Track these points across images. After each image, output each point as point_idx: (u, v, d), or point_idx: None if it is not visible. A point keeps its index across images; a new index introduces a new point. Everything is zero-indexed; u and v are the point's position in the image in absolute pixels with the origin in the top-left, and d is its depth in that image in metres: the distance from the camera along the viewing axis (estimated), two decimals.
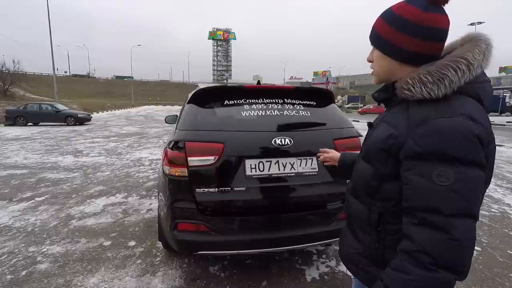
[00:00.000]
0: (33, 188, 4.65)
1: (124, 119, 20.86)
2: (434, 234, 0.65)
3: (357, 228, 0.92)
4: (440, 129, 0.67)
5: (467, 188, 0.65)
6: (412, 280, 0.66)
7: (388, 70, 0.83)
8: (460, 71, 0.70)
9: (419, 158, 0.69)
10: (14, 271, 2.39)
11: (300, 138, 2.14)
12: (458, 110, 0.69)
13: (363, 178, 0.88)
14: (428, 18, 0.74)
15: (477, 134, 0.66)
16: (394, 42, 0.78)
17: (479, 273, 2.44)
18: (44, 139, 10.49)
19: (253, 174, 2.01)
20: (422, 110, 0.73)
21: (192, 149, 1.99)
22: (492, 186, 5.02)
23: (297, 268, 2.51)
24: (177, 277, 2.34)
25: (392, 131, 0.77)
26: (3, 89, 33.59)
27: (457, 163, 0.65)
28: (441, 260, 0.64)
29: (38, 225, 3.29)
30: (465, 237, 0.65)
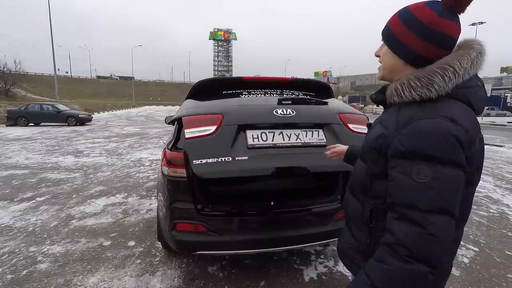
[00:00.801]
0: (34, 188, 4.68)
1: (124, 119, 20.91)
2: (412, 229, 0.69)
3: (353, 224, 0.97)
4: (421, 129, 0.71)
5: (444, 186, 0.68)
6: (390, 270, 0.70)
7: (392, 67, 0.85)
8: (447, 77, 0.73)
9: (402, 156, 0.73)
10: (14, 271, 2.41)
11: (304, 110, 2.07)
12: (441, 112, 0.72)
13: (359, 176, 0.92)
14: (442, 24, 0.75)
15: (456, 135, 0.68)
16: (405, 41, 0.79)
17: (476, 273, 2.46)
18: (45, 139, 10.52)
19: (255, 143, 1.89)
20: (409, 112, 0.76)
21: (189, 121, 1.90)
22: (491, 186, 5.03)
23: (295, 268, 2.52)
24: (176, 277, 2.36)
25: (383, 131, 0.81)
26: (4, 90, 33.72)
27: (435, 162, 0.68)
28: (417, 253, 0.68)
29: (38, 225, 3.31)
30: (441, 232, 0.68)
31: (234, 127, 1.88)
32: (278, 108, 1.98)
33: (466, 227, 3.32)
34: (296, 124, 1.99)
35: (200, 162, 1.77)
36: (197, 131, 1.84)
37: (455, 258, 2.67)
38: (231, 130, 1.87)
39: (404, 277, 0.69)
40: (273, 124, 1.96)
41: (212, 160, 1.79)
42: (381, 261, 0.73)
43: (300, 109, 2.05)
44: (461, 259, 2.68)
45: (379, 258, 0.74)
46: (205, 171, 1.78)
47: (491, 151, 8.69)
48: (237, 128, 1.88)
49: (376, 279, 0.73)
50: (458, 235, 0.84)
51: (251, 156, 1.84)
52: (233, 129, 1.88)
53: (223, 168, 1.80)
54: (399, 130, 0.75)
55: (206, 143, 1.82)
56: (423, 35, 0.76)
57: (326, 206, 2.20)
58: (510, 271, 2.48)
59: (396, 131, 0.76)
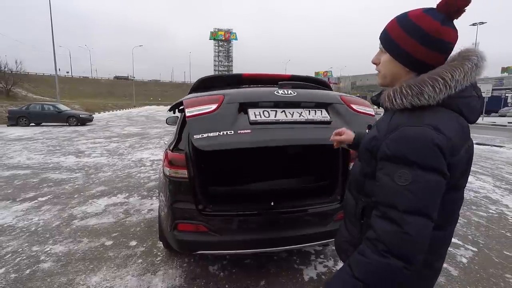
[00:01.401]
0: (36, 188, 4.71)
1: (125, 119, 20.95)
2: (390, 227, 0.75)
3: (348, 220, 1.03)
4: (405, 135, 0.76)
5: (422, 190, 0.73)
6: (368, 263, 0.76)
7: (395, 74, 0.87)
8: (437, 88, 0.76)
9: (387, 159, 0.78)
10: (18, 270, 2.44)
11: (305, 92, 2.07)
12: (427, 120, 0.76)
13: (355, 174, 0.98)
14: (446, 32, 0.77)
15: (437, 143, 0.72)
16: (410, 51, 0.81)
17: (474, 273, 2.48)
18: (46, 139, 10.56)
19: (258, 119, 1.85)
20: (399, 118, 0.81)
21: (190, 102, 1.88)
22: (490, 187, 5.05)
23: (295, 268, 2.55)
24: (177, 276, 2.39)
25: (376, 133, 0.86)
26: (5, 90, 33.75)
27: (415, 167, 0.73)
28: (393, 249, 0.73)
29: (41, 225, 3.34)
30: (416, 232, 0.73)
31: (236, 105, 1.85)
32: (280, 90, 1.98)
33: (464, 227, 3.36)
34: (298, 103, 1.98)
35: (201, 136, 1.70)
36: (198, 110, 1.80)
37: (453, 258, 2.70)
38: (232, 108, 1.84)
39: (380, 270, 0.75)
40: (275, 102, 1.94)
41: (213, 134, 1.72)
42: (362, 254, 0.79)
43: (301, 91, 2.05)
44: (460, 259, 2.70)
45: (361, 252, 0.80)
46: (206, 143, 1.70)
47: (491, 152, 8.70)
48: (239, 106, 1.85)
49: (356, 270, 0.78)
50: (442, 236, 0.87)
51: (253, 130, 1.79)
52: (235, 107, 1.85)
53: (225, 140, 1.72)
54: (388, 135, 0.79)
55: (207, 119, 1.77)
56: (428, 44, 0.78)
57: (326, 207, 2.22)
58: (508, 271, 2.50)
59: (386, 135, 0.80)
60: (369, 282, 0.76)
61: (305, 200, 2.27)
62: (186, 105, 1.85)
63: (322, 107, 2.03)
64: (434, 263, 0.90)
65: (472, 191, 4.82)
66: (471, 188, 4.99)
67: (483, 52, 0.80)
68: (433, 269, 0.91)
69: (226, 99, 1.85)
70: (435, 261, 0.89)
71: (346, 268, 0.82)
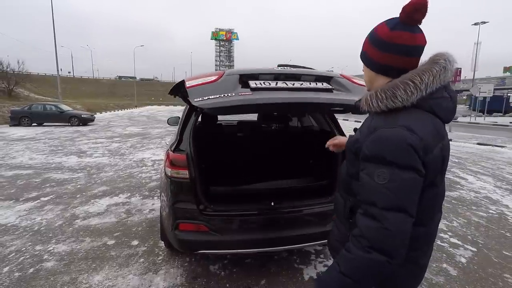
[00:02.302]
0: (39, 188, 4.75)
1: (127, 119, 21.00)
2: (371, 223, 0.80)
3: (338, 219, 1.08)
4: (381, 137, 0.82)
5: (399, 187, 0.78)
6: (353, 258, 0.81)
7: (369, 79, 0.97)
8: (408, 91, 0.82)
9: (367, 160, 0.84)
10: (21, 269, 2.47)
11: (305, 69, 2.08)
12: (400, 122, 0.81)
13: (342, 175, 1.04)
14: (394, 36, 0.85)
15: (410, 143, 0.78)
16: (370, 54, 0.92)
17: (473, 273, 2.50)
18: (48, 139, 10.62)
19: (258, 86, 1.81)
20: (377, 120, 0.87)
21: (190, 77, 1.87)
22: (491, 187, 5.06)
23: (295, 267, 2.57)
24: (179, 276, 2.41)
25: (358, 136, 0.92)
26: (8, 90, 33.88)
27: (392, 166, 0.78)
28: (375, 244, 0.78)
29: (44, 224, 3.38)
30: (396, 227, 0.77)
31: (236, 77, 1.84)
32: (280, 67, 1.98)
33: (464, 227, 3.37)
34: (299, 76, 1.97)
35: (201, 99, 1.63)
36: (198, 81, 1.78)
37: (452, 258, 2.71)
38: (233, 79, 1.83)
39: (364, 265, 0.79)
40: (275, 75, 1.94)
41: (214, 96, 1.65)
42: (348, 251, 0.84)
43: (301, 69, 2.07)
44: (459, 259, 2.72)
45: (347, 248, 0.85)
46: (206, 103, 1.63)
47: (492, 152, 8.69)
48: (239, 78, 1.84)
49: (342, 266, 0.83)
50: (425, 232, 0.91)
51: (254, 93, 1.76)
52: (235, 78, 1.84)
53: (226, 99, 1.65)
54: (368, 137, 0.85)
55: (207, 87, 1.74)
56: (380, 46, 0.88)
57: (326, 206, 2.24)
58: (507, 271, 2.52)
59: (366, 137, 0.86)
60: (355, 277, 0.80)
61: (305, 200, 2.29)
62: (187, 79, 1.83)
63: (323, 80, 2.01)
64: (419, 260, 0.94)
65: (472, 191, 4.83)
66: (471, 188, 4.99)
67: (452, 55, 0.86)
68: (418, 265, 0.95)
69: (226, 73, 1.86)
70: (419, 257, 0.93)
71: (334, 265, 0.86)
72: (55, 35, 23.76)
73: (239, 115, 2.72)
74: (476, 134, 13.23)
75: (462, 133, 13.25)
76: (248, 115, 3.67)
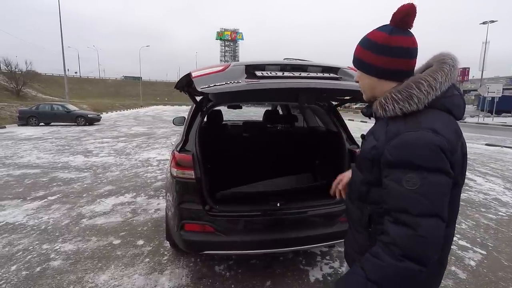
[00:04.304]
0: (46, 187, 4.80)
1: (132, 119, 21.15)
2: (405, 231, 0.76)
3: (354, 229, 1.03)
4: (407, 141, 0.79)
5: (431, 192, 0.76)
6: (384, 266, 0.78)
7: (370, 86, 0.96)
8: (423, 89, 0.82)
9: (392, 166, 0.80)
10: (29, 267, 2.50)
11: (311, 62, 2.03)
12: (423, 124, 0.80)
13: (356, 184, 0.99)
14: (394, 40, 0.87)
15: (439, 145, 0.76)
16: (369, 61, 0.92)
17: (483, 276, 2.45)
18: (55, 139, 10.74)
19: (264, 75, 1.80)
20: (396, 125, 0.84)
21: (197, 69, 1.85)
22: (500, 189, 4.97)
23: (301, 268, 2.55)
24: (184, 276, 2.41)
25: (375, 143, 0.89)
26: (16, 90, 34.38)
27: (421, 170, 0.76)
28: (409, 252, 0.75)
29: (51, 223, 3.41)
30: (430, 234, 0.75)
31: (242, 67, 1.82)
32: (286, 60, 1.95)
33: (473, 230, 3.32)
34: (306, 67, 1.94)
35: (207, 86, 1.63)
36: (205, 72, 1.76)
37: (461, 261, 2.67)
38: (239, 69, 1.81)
39: (396, 273, 0.76)
40: (282, 66, 1.91)
41: (220, 83, 1.65)
42: (377, 257, 0.80)
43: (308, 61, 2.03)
44: (468, 262, 2.67)
45: (375, 254, 0.81)
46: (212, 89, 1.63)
47: (502, 153, 8.55)
48: (245, 68, 1.83)
49: (370, 272, 0.80)
50: (448, 233, 0.89)
51: (261, 80, 1.76)
52: (241, 69, 1.81)
53: (232, 85, 1.66)
54: (389, 142, 0.82)
55: (213, 76, 1.72)
56: (380, 52, 0.89)
57: (332, 208, 2.22)
58: None
59: (386, 143, 0.83)
60: (383, 284, 0.78)
61: (311, 201, 2.27)
62: (193, 71, 1.81)
63: (330, 71, 1.98)
64: (444, 261, 0.94)
65: (481, 193, 4.75)
66: (480, 190, 4.91)
67: (455, 55, 0.89)
68: (443, 266, 0.95)
69: (232, 64, 1.84)
70: (444, 258, 0.94)
71: (358, 270, 0.83)
72: (62, 37, 24.03)
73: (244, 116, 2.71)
74: (484, 134, 13.04)
75: (470, 134, 13.06)
76: (254, 116, 3.64)
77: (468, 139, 11.01)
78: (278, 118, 3.96)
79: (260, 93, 1.99)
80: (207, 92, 1.65)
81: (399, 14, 0.87)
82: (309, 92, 2.09)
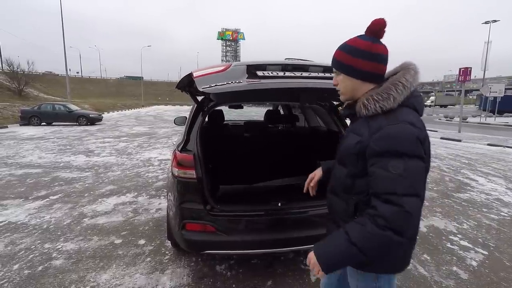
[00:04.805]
0: (48, 187, 4.82)
1: (134, 119, 21.19)
2: (392, 208, 0.88)
3: (340, 220, 1.12)
4: (389, 133, 0.92)
5: (412, 175, 0.89)
6: (368, 232, 0.90)
7: (352, 88, 1.08)
8: (399, 90, 0.97)
9: (378, 155, 0.93)
10: (31, 266, 2.51)
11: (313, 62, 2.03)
12: (401, 118, 0.94)
13: (340, 178, 1.11)
14: (376, 48, 1.02)
15: (417, 135, 0.92)
16: (357, 66, 1.04)
17: (484, 277, 2.44)
18: (57, 138, 10.77)
19: (266, 75, 1.81)
20: (377, 121, 0.97)
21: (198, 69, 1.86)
22: (502, 189, 4.96)
23: (302, 268, 2.55)
24: (185, 275, 2.41)
25: (358, 138, 1.01)
26: (18, 90, 34.46)
27: (404, 157, 0.89)
28: (393, 225, 0.87)
29: (52, 222, 3.42)
30: (414, 210, 0.88)
31: (243, 67, 1.82)
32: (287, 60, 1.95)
33: (475, 230, 3.33)
34: (307, 67, 1.93)
35: (209, 86, 1.64)
36: (206, 71, 1.77)
37: (463, 261, 2.67)
38: (240, 69, 1.81)
39: (378, 241, 0.89)
40: (283, 66, 1.91)
41: (221, 83, 1.66)
42: (361, 223, 0.92)
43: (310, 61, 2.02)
44: (470, 262, 2.66)
45: (359, 221, 0.93)
46: (214, 89, 1.65)
47: (504, 153, 8.52)
48: (246, 68, 1.82)
49: (353, 236, 0.92)
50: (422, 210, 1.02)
51: (263, 79, 1.77)
52: (243, 69, 1.81)
53: (233, 85, 1.67)
54: (373, 136, 0.95)
55: (215, 76, 1.73)
56: (365, 57, 1.02)
57: None
58: None
59: (370, 137, 0.96)
60: (364, 248, 0.90)
61: (312, 201, 2.27)
62: (194, 71, 1.81)
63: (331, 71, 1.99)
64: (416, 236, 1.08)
65: (483, 193, 4.73)
66: (482, 190, 4.90)
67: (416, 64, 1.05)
68: (414, 240, 1.09)
69: (233, 64, 1.84)
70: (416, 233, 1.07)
71: (341, 234, 0.95)
72: (64, 37, 24.13)
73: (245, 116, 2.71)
74: (486, 134, 12.98)
75: (472, 134, 13.02)
76: (255, 116, 3.65)
77: (470, 139, 11.04)
78: (279, 118, 3.96)
79: (261, 93, 2.00)
80: (209, 92, 1.67)
81: (377, 27, 1.02)
82: (310, 92, 2.10)
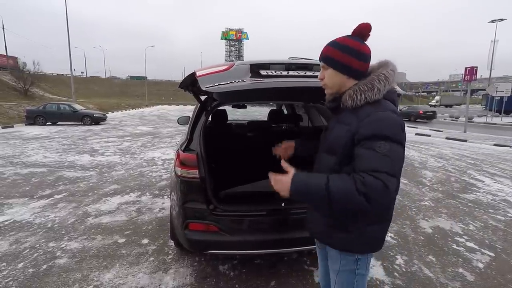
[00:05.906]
0: (52, 186, 4.85)
1: (137, 118, 21.29)
2: (376, 181, 0.95)
3: None
4: (379, 117, 1.03)
5: (394, 157, 1.00)
6: (345, 187, 0.97)
7: (340, 83, 1.17)
8: (382, 82, 1.09)
9: (366, 138, 1.02)
10: (35, 265, 2.52)
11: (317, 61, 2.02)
12: (387, 107, 1.07)
13: (328, 166, 1.17)
14: (364, 48, 1.14)
15: (401, 123, 1.05)
16: (348, 63, 1.13)
17: (491, 279, 2.40)
18: (62, 138, 10.85)
19: (269, 74, 1.81)
20: (365, 110, 1.07)
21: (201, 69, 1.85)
22: (509, 190, 4.90)
23: (305, 269, 2.53)
24: (188, 275, 2.41)
25: (347, 127, 1.10)
26: (23, 90, 34.80)
27: (389, 140, 1.00)
28: (370, 193, 0.94)
29: (57, 221, 3.44)
30: (392, 188, 0.96)
31: (247, 66, 1.81)
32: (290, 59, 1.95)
33: (481, 231, 3.29)
34: (311, 66, 1.92)
35: (212, 85, 1.63)
36: (209, 71, 1.75)
37: (469, 263, 2.64)
38: (243, 69, 1.80)
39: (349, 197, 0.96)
40: (287, 65, 1.89)
41: (224, 83, 1.65)
42: (343, 178, 1.00)
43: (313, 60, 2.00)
44: (476, 264, 2.62)
45: (342, 176, 1.01)
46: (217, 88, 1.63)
47: (511, 154, 8.41)
48: (250, 68, 1.81)
49: (332, 184, 0.99)
50: None
51: (266, 79, 1.76)
52: (246, 68, 1.80)
53: (236, 85, 1.66)
54: (362, 122, 1.04)
55: (218, 75, 1.71)
56: (356, 56, 1.12)
57: None
58: None
59: (358, 123, 1.05)
60: (334, 198, 0.97)
61: None
62: (197, 70, 1.80)
63: None
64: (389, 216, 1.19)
65: (490, 194, 4.67)
66: (488, 191, 4.84)
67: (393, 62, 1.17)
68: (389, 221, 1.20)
69: (237, 63, 1.83)
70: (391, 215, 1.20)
71: (323, 177, 1.02)
72: (69, 38, 24.29)
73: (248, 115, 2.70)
74: (492, 135, 12.83)
75: (478, 134, 12.88)
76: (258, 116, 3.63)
77: (476, 139, 10.92)
78: (283, 117, 3.94)
79: (264, 93, 1.98)
80: (212, 91, 1.66)
81: (365, 30, 1.14)
82: (314, 91, 2.09)
